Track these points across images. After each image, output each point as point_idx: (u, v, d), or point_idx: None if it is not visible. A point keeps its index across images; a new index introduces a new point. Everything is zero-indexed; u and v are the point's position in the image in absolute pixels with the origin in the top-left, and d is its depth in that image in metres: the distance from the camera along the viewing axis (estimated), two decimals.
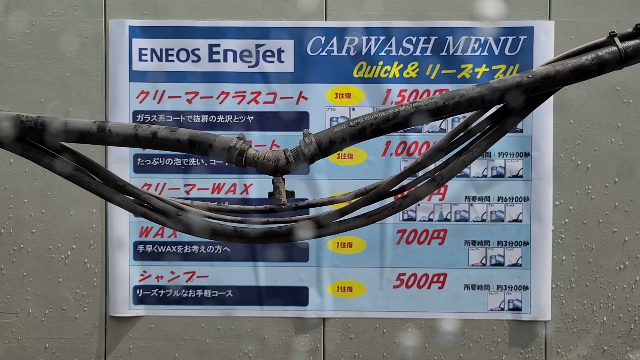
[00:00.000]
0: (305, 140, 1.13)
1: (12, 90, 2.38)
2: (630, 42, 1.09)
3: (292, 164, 1.13)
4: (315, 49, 2.36)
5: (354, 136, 1.11)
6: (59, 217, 2.39)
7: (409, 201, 1.18)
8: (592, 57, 1.08)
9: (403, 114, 1.09)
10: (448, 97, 1.09)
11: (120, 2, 2.37)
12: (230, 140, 1.14)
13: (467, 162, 1.16)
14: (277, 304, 2.38)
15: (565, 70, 1.08)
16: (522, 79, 1.08)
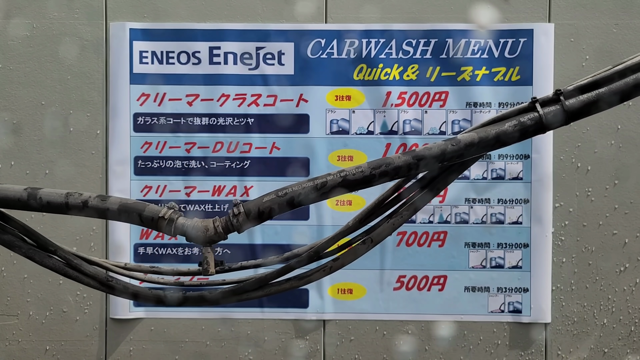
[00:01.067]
0: (234, 211, 1.16)
1: (13, 93, 2.39)
2: (551, 108, 1.10)
3: (220, 234, 1.16)
4: (316, 51, 2.36)
5: (282, 206, 1.14)
6: (60, 220, 2.39)
7: (339, 264, 1.21)
8: (515, 124, 1.10)
9: (330, 184, 1.12)
10: (375, 166, 1.12)
11: (121, 5, 2.38)
12: (159, 209, 1.17)
13: (396, 224, 1.19)
14: (277, 306, 2.38)
15: (488, 137, 1.10)
16: (446, 147, 1.11)
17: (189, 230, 1.16)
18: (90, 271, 1.24)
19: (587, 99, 1.08)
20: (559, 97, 1.09)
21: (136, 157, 2.39)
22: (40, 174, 2.38)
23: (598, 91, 1.08)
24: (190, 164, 2.39)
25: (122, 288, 1.24)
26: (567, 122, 1.11)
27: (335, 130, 2.38)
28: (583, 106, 1.09)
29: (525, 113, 1.10)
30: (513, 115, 1.11)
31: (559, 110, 1.09)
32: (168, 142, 2.38)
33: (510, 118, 1.11)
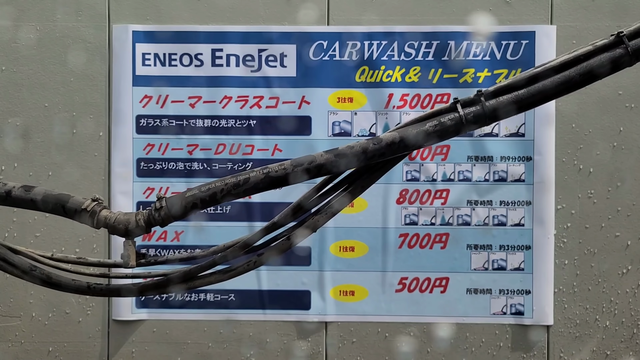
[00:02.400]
0: (156, 205, 1.17)
1: (17, 95, 2.40)
2: (471, 109, 1.12)
3: (142, 228, 1.18)
4: (318, 53, 2.37)
5: (205, 201, 1.15)
6: (63, 221, 2.38)
7: (264, 259, 1.22)
8: (435, 124, 1.12)
9: (253, 181, 1.14)
10: (297, 163, 1.13)
11: (124, 8, 2.39)
12: (82, 201, 1.19)
13: (320, 222, 1.20)
14: (279, 308, 2.39)
15: (409, 136, 1.12)
16: (368, 146, 1.12)
17: (110, 223, 1.18)
18: (14, 260, 1.25)
19: (506, 100, 1.10)
20: (480, 98, 1.11)
21: (139, 159, 2.40)
22: (43, 175, 2.39)
23: (517, 92, 1.10)
24: (193, 165, 2.40)
25: (45, 277, 1.26)
26: (487, 123, 1.13)
27: (337, 132, 2.38)
28: (502, 107, 1.10)
29: (447, 113, 1.12)
30: (435, 116, 1.13)
31: (479, 111, 1.11)
32: (170, 144, 2.39)
33: (431, 118, 1.13)
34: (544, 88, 1.09)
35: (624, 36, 1.08)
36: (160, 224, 1.18)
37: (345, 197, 1.19)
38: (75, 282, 1.27)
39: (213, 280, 1.24)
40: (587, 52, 1.09)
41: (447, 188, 2.36)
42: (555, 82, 1.09)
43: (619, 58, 1.08)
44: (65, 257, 1.33)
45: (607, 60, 1.08)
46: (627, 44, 1.07)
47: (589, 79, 1.09)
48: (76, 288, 1.27)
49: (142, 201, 2.39)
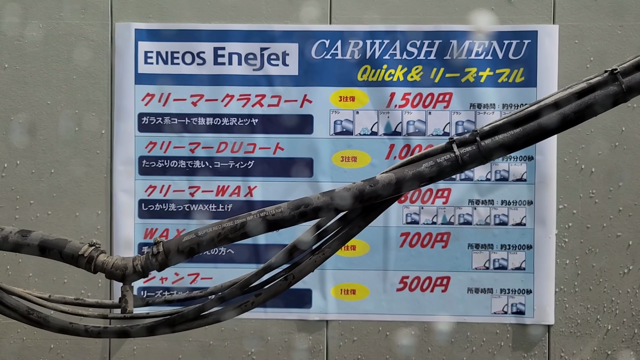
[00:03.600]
0: (153, 250, 1.18)
1: (20, 93, 2.40)
2: (467, 149, 1.12)
3: (139, 273, 1.19)
4: (320, 52, 2.37)
5: (202, 246, 1.16)
6: (65, 219, 2.41)
7: (261, 300, 1.23)
8: (431, 165, 1.13)
9: (250, 225, 1.15)
10: (294, 207, 1.14)
11: (127, 6, 2.40)
12: (79, 247, 1.19)
13: (318, 262, 1.21)
14: (280, 306, 2.39)
15: (405, 178, 1.13)
16: (364, 188, 1.13)
17: (108, 269, 1.19)
18: (11, 304, 1.26)
19: (502, 139, 1.11)
20: (476, 138, 1.12)
21: (141, 157, 2.40)
22: (45, 173, 2.40)
23: (513, 131, 1.10)
24: (195, 164, 2.40)
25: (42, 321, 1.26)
26: (483, 163, 1.13)
27: (339, 131, 2.39)
28: (497, 146, 1.11)
29: (443, 153, 1.13)
30: (430, 156, 1.14)
31: (475, 151, 1.12)
32: (172, 142, 2.40)
33: (427, 158, 1.13)
34: (539, 127, 1.10)
35: (618, 73, 1.08)
36: (157, 269, 1.19)
37: (342, 237, 1.20)
38: (73, 326, 1.28)
39: (210, 322, 1.25)
40: (581, 90, 1.09)
41: (449, 187, 2.37)
42: (550, 120, 1.10)
43: (613, 95, 1.09)
44: (62, 299, 1.33)
45: (602, 98, 1.09)
46: (621, 80, 1.09)
47: (584, 116, 1.10)
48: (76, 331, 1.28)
49: (144, 199, 2.40)
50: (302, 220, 1.15)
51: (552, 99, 1.10)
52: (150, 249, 1.18)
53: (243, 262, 2.39)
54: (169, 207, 2.40)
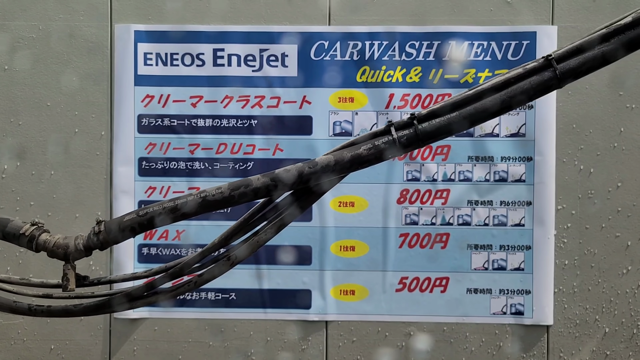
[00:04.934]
0: (95, 229, 1.19)
1: (20, 94, 2.41)
2: (405, 132, 1.14)
3: (81, 252, 1.20)
4: (319, 53, 2.37)
5: (143, 225, 1.17)
6: (65, 220, 2.41)
7: (203, 280, 1.24)
8: (370, 147, 1.14)
9: (190, 204, 1.15)
10: (234, 187, 1.15)
11: (126, 7, 2.40)
12: (21, 226, 1.21)
13: (261, 242, 1.23)
14: (280, 307, 2.40)
15: (344, 160, 1.14)
16: (304, 170, 1.15)
17: (49, 247, 1.20)
18: None
19: (438, 123, 1.12)
20: (413, 122, 1.13)
21: (140, 158, 2.41)
22: (45, 174, 2.41)
23: (449, 115, 1.12)
24: (194, 165, 2.40)
25: None
26: (420, 146, 1.15)
27: (338, 132, 2.39)
28: (434, 130, 1.13)
29: (381, 136, 1.14)
30: (369, 139, 1.15)
31: (412, 134, 1.13)
32: (172, 144, 2.40)
33: (366, 141, 1.15)
34: (474, 111, 1.12)
35: (553, 59, 1.10)
36: (99, 248, 1.20)
37: (285, 218, 1.22)
38: (17, 304, 1.29)
39: (153, 301, 1.26)
40: (518, 75, 1.11)
41: (448, 188, 2.37)
42: (486, 105, 1.11)
43: (547, 81, 1.11)
44: (8, 278, 1.33)
45: (536, 83, 1.10)
46: (556, 67, 1.10)
47: (519, 101, 1.12)
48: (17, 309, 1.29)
49: (144, 200, 2.41)
50: (243, 201, 1.16)
51: (489, 84, 1.12)
52: (92, 228, 1.20)
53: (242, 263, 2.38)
54: None
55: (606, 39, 1.09)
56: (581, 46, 1.10)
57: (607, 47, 1.08)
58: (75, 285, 1.21)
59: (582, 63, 1.10)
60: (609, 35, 1.09)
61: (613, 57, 1.10)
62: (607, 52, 1.09)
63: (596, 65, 1.10)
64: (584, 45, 1.09)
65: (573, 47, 1.10)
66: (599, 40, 1.09)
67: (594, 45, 1.09)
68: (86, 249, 1.20)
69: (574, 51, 1.10)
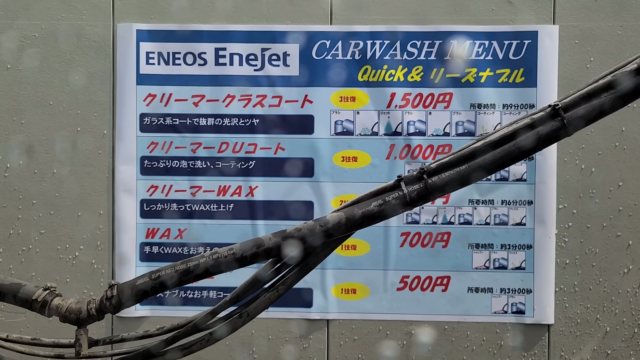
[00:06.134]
0: (107, 293, 1.20)
1: (22, 93, 2.42)
2: (415, 186, 1.15)
3: (93, 317, 1.21)
4: (321, 52, 2.38)
5: (155, 289, 1.19)
6: (67, 219, 2.42)
7: (216, 337, 1.26)
8: (380, 203, 1.15)
9: (203, 266, 1.17)
10: (246, 248, 1.17)
11: (128, 6, 2.41)
12: (33, 291, 1.21)
13: (272, 299, 1.25)
14: (281, 306, 2.40)
15: (355, 217, 1.15)
16: (315, 228, 1.16)
17: (62, 313, 1.21)
18: None
19: (448, 177, 1.13)
20: (423, 176, 1.14)
21: (142, 157, 2.41)
22: (48, 173, 2.41)
23: (459, 169, 1.13)
24: (196, 164, 2.41)
25: None
26: (430, 199, 1.16)
27: (340, 131, 2.39)
28: (444, 185, 1.14)
29: (391, 192, 1.15)
30: (379, 194, 1.16)
31: (422, 189, 1.14)
32: (174, 142, 2.41)
33: (376, 197, 1.15)
34: (484, 163, 1.12)
35: (560, 108, 1.10)
36: (111, 312, 1.21)
37: (297, 273, 1.22)
38: None
39: (169, 358, 1.27)
40: (525, 126, 1.11)
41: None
42: (495, 156, 1.12)
43: (556, 130, 1.11)
44: (19, 338, 1.33)
45: (544, 133, 1.11)
46: (563, 116, 1.10)
47: (528, 151, 1.12)
48: None
49: (146, 199, 2.41)
50: (255, 262, 1.18)
51: (496, 136, 1.12)
52: (105, 292, 1.21)
53: None
54: (170, 207, 2.41)
55: (612, 86, 1.08)
56: (587, 94, 1.09)
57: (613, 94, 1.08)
58: (87, 349, 1.22)
59: (590, 111, 1.10)
60: (615, 83, 1.08)
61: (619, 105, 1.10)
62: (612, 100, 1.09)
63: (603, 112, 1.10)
64: (590, 93, 1.09)
65: (579, 95, 1.10)
66: (605, 89, 1.09)
67: (600, 93, 1.09)
68: (98, 313, 1.21)
69: (580, 100, 1.10)
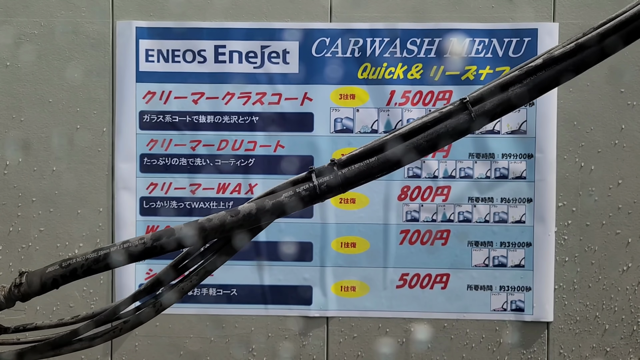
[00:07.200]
0: (16, 281, 1.20)
1: (21, 91, 2.41)
2: (325, 178, 1.15)
3: (2, 304, 1.20)
4: (320, 50, 2.38)
5: (65, 277, 1.18)
6: (67, 216, 2.42)
7: (129, 326, 1.25)
8: (291, 194, 1.15)
9: (113, 256, 1.17)
10: (156, 237, 1.17)
11: (128, 4, 2.40)
12: None
13: (186, 289, 1.24)
14: (281, 303, 2.41)
15: (265, 208, 1.16)
16: (226, 219, 1.16)
17: None
18: None
19: (358, 168, 1.14)
20: (333, 167, 1.15)
21: (142, 154, 2.41)
22: (47, 170, 2.41)
23: (368, 161, 1.14)
24: (196, 161, 2.41)
25: None
26: (342, 191, 1.16)
27: (340, 129, 2.39)
28: (354, 176, 1.15)
29: (302, 183, 1.16)
30: (291, 185, 1.17)
31: (333, 180, 1.15)
32: (174, 140, 2.41)
33: (288, 189, 1.16)
34: (392, 156, 1.13)
35: (467, 102, 1.11)
36: (21, 300, 1.20)
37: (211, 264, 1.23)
38: None
39: (79, 347, 1.27)
40: (434, 119, 1.12)
41: (449, 185, 2.37)
42: (404, 149, 1.13)
43: (463, 124, 1.12)
44: None
45: (452, 127, 1.12)
46: (471, 109, 1.11)
47: (436, 145, 1.13)
48: None
49: (145, 196, 2.41)
50: (166, 251, 1.18)
51: (406, 129, 1.14)
52: (14, 279, 1.21)
53: (243, 259, 2.40)
54: (170, 205, 2.41)
55: (519, 80, 1.09)
56: (495, 88, 1.10)
57: (519, 89, 1.09)
58: None
59: (497, 105, 1.10)
60: (522, 77, 1.09)
61: (525, 99, 1.11)
62: (519, 94, 1.09)
63: (510, 107, 1.11)
64: (498, 87, 1.10)
65: (487, 89, 1.11)
66: (512, 82, 1.09)
67: (508, 87, 1.10)
68: (7, 301, 1.21)
69: (488, 93, 1.11)
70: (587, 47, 1.07)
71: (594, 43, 1.07)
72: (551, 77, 1.08)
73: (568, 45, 1.07)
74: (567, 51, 1.07)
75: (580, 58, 1.07)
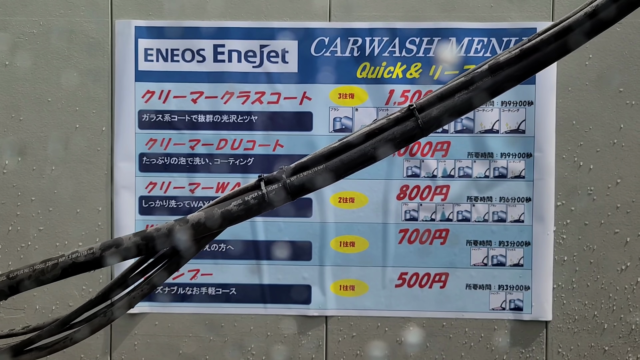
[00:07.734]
0: None
1: (20, 90, 2.41)
2: (273, 186, 1.15)
3: None
4: (319, 49, 2.38)
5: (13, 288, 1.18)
6: (66, 215, 2.42)
7: (80, 336, 1.25)
8: (239, 203, 1.15)
9: (61, 266, 1.16)
10: (105, 247, 1.16)
11: (127, 3, 2.40)
12: None
13: (137, 298, 1.23)
14: (280, 302, 2.41)
15: (214, 217, 1.15)
16: (174, 227, 1.16)
17: None
18: None
19: (306, 176, 1.15)
20: (282, 176, 1.15)
21: (141, 153, 2.42)
22: (46, 170, 2.41)
23: (316, 168, 1.15)
24: (195, 160, 2.41)
25: None
26: (290, 199, 1.16)
27: (339, 128, 2.39)
28: (302, 184, 1.15)
29: (251, 191, 1.15)
30: (240, 194, 1.16)
31: (281, 189, 1.15)
32: (173, 139, 2.41)
33: (236, 197, 1.16)
34: (340, 164, 1.13)
35: (414, 109, 1.11)
36: None
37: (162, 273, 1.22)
38: None
39: (29, 358, 1.26)
40: (382, 126, 1.13)
41: (448, 184, 2.38)
42: (351, 156, 1.13)
43: (410, 131, 1.12)
44: None
45: (399, 133, 1.12)
46: (417, 116, 1.11)
47: (383, 151, 1.14)
48: None
49: (145, 196, 2.41)
50: (115, 261, 1.18)
51: (354, 136, 1.14)
52: None
53: (242, 258, 2.40)
54: (169, 204, 2.41)
55: (465, 87, 1.09)
56: (441, 95, 1.11)
57: (466, 94, 1.09)
58: None
59: (444, 111, 1.11)
60: (467, 84, 1.09)
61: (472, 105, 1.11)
62: (465, 100, 1.10)
63: (457, 113, 1.11)
64: (444, 94, 1.10)
65: (433, 96, 1.12)
66: (458, 89, 1.10)
67: (454, 93, 1.10)
68: None
69: (435, 100, 1.11)
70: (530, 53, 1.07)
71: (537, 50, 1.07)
72: (497, 83, 1.09)
73: (513, 51, 1.08)
74: (512, 57, 1.07)
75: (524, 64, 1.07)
